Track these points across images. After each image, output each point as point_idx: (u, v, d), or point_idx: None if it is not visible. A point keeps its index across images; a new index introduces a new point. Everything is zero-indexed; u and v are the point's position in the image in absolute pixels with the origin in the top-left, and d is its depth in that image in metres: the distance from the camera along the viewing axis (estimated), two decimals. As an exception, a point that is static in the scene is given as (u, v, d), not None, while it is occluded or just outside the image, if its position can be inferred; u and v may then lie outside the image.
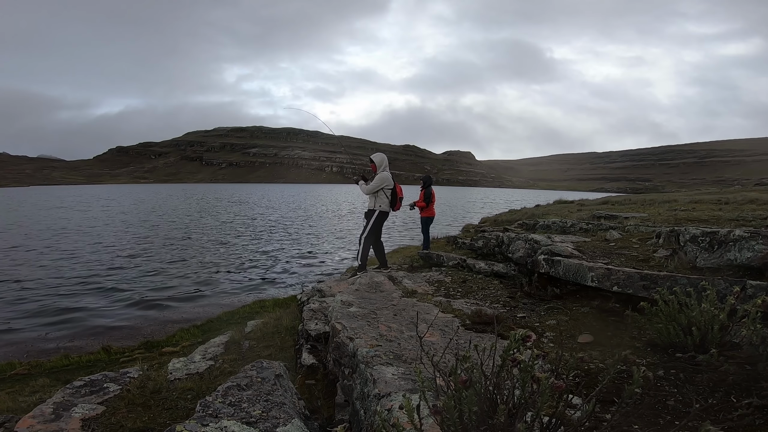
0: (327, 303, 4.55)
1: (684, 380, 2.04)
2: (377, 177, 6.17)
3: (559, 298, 3.88)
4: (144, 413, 2.55)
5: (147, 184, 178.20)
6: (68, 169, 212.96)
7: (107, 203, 44.25)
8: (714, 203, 10.28)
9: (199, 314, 7.86)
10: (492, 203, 48.12)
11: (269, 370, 2.50)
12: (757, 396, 1.71)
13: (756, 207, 8.34)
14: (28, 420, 2.22)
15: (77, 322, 7.56)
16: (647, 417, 1.73)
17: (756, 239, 3.24)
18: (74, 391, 2.68)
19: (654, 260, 4.05)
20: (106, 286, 9.92)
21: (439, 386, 1.44)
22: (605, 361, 2.38)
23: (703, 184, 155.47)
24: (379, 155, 6.42)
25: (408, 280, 5.12)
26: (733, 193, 14.23)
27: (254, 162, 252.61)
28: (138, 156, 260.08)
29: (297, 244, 16.94)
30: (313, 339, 3.87)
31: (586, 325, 3.14)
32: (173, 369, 3.53)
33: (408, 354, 2.53)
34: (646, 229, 5.86)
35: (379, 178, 6.14)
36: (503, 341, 1.52)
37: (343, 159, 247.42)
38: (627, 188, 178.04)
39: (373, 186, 6.12)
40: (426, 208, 8.51)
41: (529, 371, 1.27)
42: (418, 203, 8.48)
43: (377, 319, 3.26)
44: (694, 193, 18.87)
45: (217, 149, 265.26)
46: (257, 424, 1.87)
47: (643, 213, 8.92)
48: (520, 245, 5.23)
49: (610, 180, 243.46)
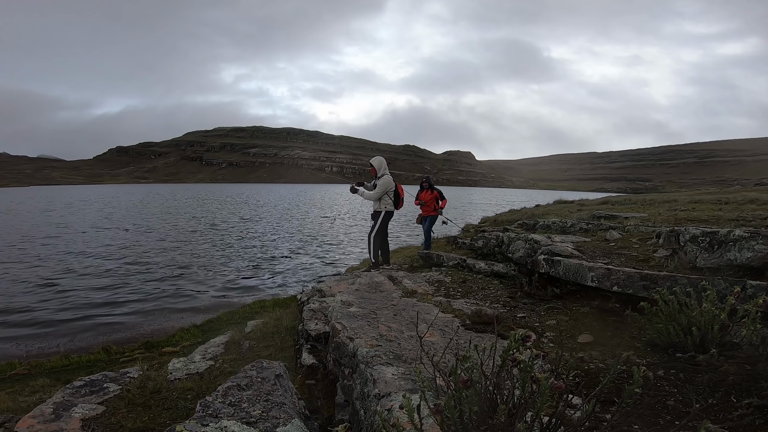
0: (327, 303, 4.55)
1: (684, 380, 2.04)
2: (380, 183, 6.44)
3: (559, 298, 3.88)
4: (144, 413, 2.54)
5: (147, 184, 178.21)
6: (68, 169, 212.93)
7: (106, 203, 44.24)
8: (714, 203, 10.28)
9: (199, 314, 7.87)
10: (492, 203, 48.12)
11: (269, 370, 2.50)
12: (757, 396, 1.71)
13: (756, 207, 8.34)
14: (28, 420, 2.22)
15: (77, 322, 7.56)
16: (647, 417, 1.73)
17: (756, 239, 3.24)
18: (74, 391, 2.68)
19: (654, 260, 4.05)
20: (105, 286, 9.92)
21: (439, 386, 1.44)
22: (605, 361, 2.38)
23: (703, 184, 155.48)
24: (378, 159, 6.63)
25: (408, 280, 5.12)
26: (733, 193, 14.23)
27: (254, 162, 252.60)
28: (138, 156, 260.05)
29: (297, 245, 16.94)
30: (313, 339, 3.87)
31: (586, 325, 3.14)
32: (173, 369, 3.53)
33: (408, 354, 2.53)
34: (646, 229, 5.86)
35: (383, 184, 6.42)
36: (503, 341, 1.52)
37: (343, 159, 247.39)
38: (627, 188, 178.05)
39: (378, 193, 6.42)
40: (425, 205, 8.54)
41: (529, 371, 1.27)
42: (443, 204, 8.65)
43: (377, 319, 3.26)
44: (694, 193, 18.87)
45: (217, 149, 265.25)
46: (257, 424, 1.87)
47: (643, 213, 8.92)
48: (520, 245, 5.23)
49: (610, 180, 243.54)
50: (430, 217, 8.66)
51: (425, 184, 8.66)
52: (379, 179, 6.53)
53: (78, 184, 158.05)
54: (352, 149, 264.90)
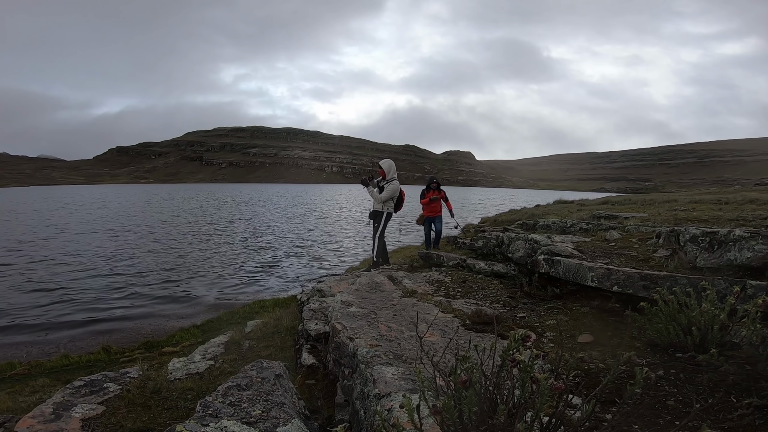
0: (327, 303, 4.55)
1: (684, 380, 2.04)
2: (390, 187, 6.65)
3: (559, 298, 3.87)
4: (144, 413, 2.54)
5: (147, 184, 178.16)
6: (68, 169, 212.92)
7: (106, 204, 44.22)
8: (714, 203, 10.28)
9: (199, 314, 7.87)
10: (492, 203, 48.11)
11: (269, 370, 2.50)
12: (757, 396, 1.71)
13: (756, 207, 8.34)
14: (28, 420, 2.22)
15: (77, 322, 7.56)
16: (647, 417, 1.73)
17: (756, 239, 3.24)
18: (74, 391, 2.68)
19: (654, 260, 4.05)
20: (105, 286, 9.92)
21: (439, 386, 1.44)
22: (605, 361, 2.38)
23: (703, 184, 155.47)
24: (388, 162, 6.75)
25: (408, 280, 5.12)
26: (733, 193, 14.23)
27: (254, 162, 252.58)
28: (138, 156, 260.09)
29: (297, 245, 16.93)
30: (313, 339, 3.87)
31: (586, 325, 3.13)
32: (173, 369, 3.53)
33: (408, 354, 2.53)
34: (646, 229, 5.86)
35: (391, 190, 6.65)
36: (503, 341, 1.52)
37: (343, 159, 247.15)
38: (627, 188, 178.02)
39: (386, 196, 6.64)
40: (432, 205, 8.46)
41: (529, 371, 1.27)
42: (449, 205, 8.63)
43: (377, 319, 3.26)
44: (694, 193, 18.87)
45: (217, 149, 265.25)
46: (257, 424, 1.87)
47: (643, 213, 8.92)
48: (520, 245, 5.23)
49: (610, 180, 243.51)
50: (437, 217, 8.57)
51: (435, 184, 8.53)
52: (388, 183, 6.71)
53: (78, 184, 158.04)
54: (352, 149, 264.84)
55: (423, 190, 8.68)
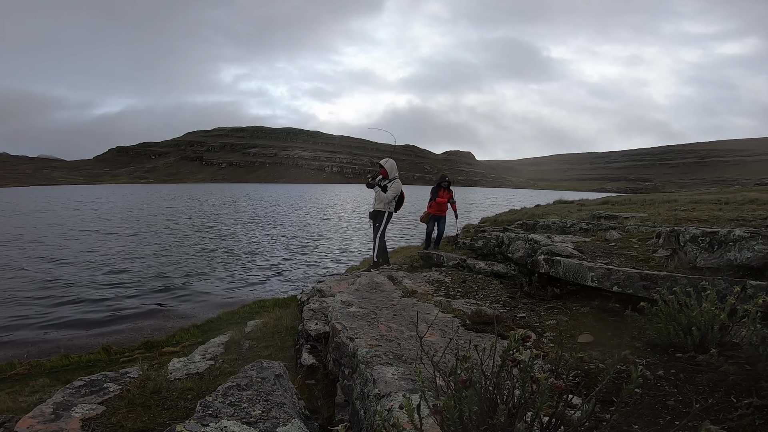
0: (327, 303, 4.55)
1: (684, 380, 2.04)
2: (394, 187, 6.72)
3: (559, 298, 3.87)
4: (144, 413, 2.54)
5: (147, 184, 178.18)
6: (68, 169, 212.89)
7: (105, 204, 44.22)
8: (714, 203, 10.28)
9: (199, 314, 7.86)
10: (492, 203, 48.09)
11: (269, 370, 2.50)
12: (757, 396, 1.71)
13: (756, 207, 8.34)
14: (28, 420, 2.22)
15: (77, 322, 7.56)
16: (647, 417, 1.73)
17: (756, 239, 3.24)
18: (74, 391, 2.68)
19: (654, 260, 4.05)
20: (105, 287, 9.92)
21: (439, 386, 1.44)
22: (605, 361, 2.38)
23: (703, 184, 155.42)
24: (390, 162, 6.77)
25: (408, 280, 5.12)
26: (733, 193, 14.23)
27: (254, 162, 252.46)
28: (138, 156, 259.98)
29: (297, 245, 16.93)
30: (313, 339, 3.87)
31: (586, 325, 3.13)
32: (173, 369, 3.53)
33: (408, 354, 2.53)
34: (646, 229, 5.86)
35: (396, 189, 6.72)
36: (503, 341, 1.52)
37: (343, 159, 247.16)
38: (627, 188, 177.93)
39: (391, 196, 6.70)
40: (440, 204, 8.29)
41: (529, 371, 1.27)
42: (454, 208, 8.49)
43: (377, 319, 3.26)
44: (694, 193, 18.87)
45: (217, 149, 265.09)
46: (257, 424, 1.87)
47: (643, 213, 8.92)
48: (520, 245, 5.23)
49: (610, 180, 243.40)
50: (442, 217, 8.40)
51: (446, 183, 8.29)
52: (392, 183, 6.74)
53: (78, 184, 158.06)
54: (352, 149, 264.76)
55: (433, 187, 8.40)
